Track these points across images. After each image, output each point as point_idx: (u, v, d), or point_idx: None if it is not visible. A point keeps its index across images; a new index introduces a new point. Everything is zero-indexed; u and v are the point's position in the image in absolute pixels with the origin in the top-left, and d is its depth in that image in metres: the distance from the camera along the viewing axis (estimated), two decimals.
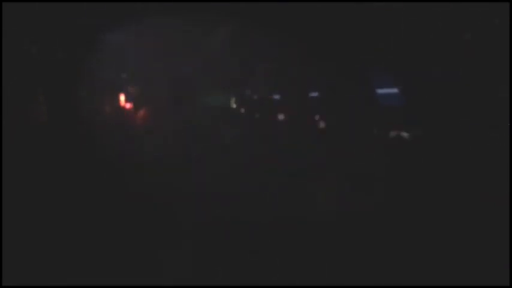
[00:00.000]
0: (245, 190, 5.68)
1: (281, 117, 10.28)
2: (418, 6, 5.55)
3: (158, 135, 8.83)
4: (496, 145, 4.93)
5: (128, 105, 10.96)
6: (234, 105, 11.27)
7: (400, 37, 6.11)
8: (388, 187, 5.23)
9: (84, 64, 6.64)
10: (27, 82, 5.58)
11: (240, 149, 7.36)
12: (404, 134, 5.93)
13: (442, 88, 5.59)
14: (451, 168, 4.88)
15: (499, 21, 4.75)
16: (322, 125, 9.30)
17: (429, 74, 5.83)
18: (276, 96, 10.79)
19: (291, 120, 9.77)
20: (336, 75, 8.18)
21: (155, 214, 5.35)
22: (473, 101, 5.31)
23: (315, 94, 9.88)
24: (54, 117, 5.91)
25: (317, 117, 9.58)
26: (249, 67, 9.77)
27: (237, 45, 8.69)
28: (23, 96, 5.51)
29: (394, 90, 7.78)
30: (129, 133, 9.15)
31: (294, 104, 9.71)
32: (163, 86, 10.37)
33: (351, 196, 5.37)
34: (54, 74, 5.96)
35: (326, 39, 7.51)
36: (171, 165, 6.42)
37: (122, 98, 10.67)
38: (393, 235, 4.76)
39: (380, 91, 8.15)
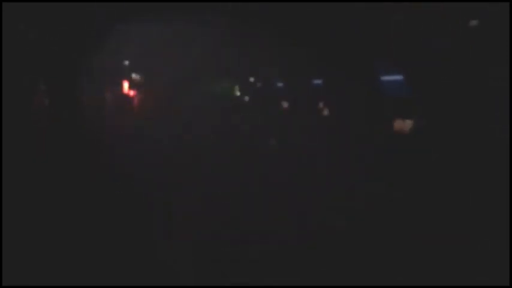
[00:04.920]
0: (248, 186, 5.70)
1: (285, 105, 10.24)
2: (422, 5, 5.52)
3: (163, 125, 8.81)
4: (496, 142, 4.90)
5: (132, 93, 10.96)
6: (238, 93, 11.24)
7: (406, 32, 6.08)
8: (387, 185, 5.21)
9: (87, 53, 6.63)
10: (29, 72, 5.57)
11: (242, 139, 7.35)
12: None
13: (444, 85, 5.57)
14: (451, 168, 4.85)
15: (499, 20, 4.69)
16: (325, 112, 9.28)
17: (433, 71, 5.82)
18: (280, 84, 10.73)
19: (294, 108, 9.73)
20: (340, 64, 8.15)
21: (156, 212, 5.39)
22: (473, 99, 5.29)
23: (318, 82, 9.87)
24: (57, 108, 5.91)
25: (321, 104, 9.56)
26: (252, 56, 9.74)
27: (239, 35, 8.64)
28: (25, 86, 5.51)
29: (399, 78, 7.75)
30: (133, 123, 9.14)
31: (297, 92, 9.67)
32: (167, 75, 10.35)
33: (353, 191, 5.38)
34: (56, 63, 5.95)
35: (329, 28, 7.47)
36: (175, 160, 6.44)
37: (126, 85, 10.67)
38: (394, 235, 4.75)
39: (385, 79, 8.12)
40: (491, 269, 4.11)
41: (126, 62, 9.64)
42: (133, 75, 10.19)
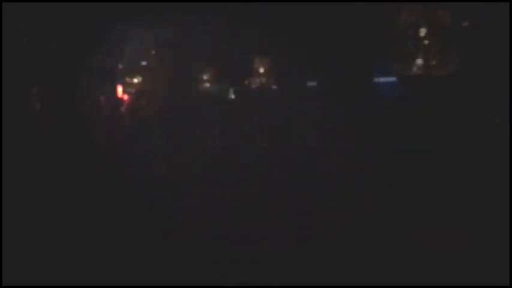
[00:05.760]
0: (246, 185, 5.68)
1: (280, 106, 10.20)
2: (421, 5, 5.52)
3: (161, 125, 8.79)
4: (496, 142, 4.90)
5: (126, 97, 10.89)
6: (233, 96, 11.20)
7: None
8: (386, 185, 5.21)
9: (87, 53, 6.61)
10: (23, 74, 5.56)
11: (238, 141, 7.33)
12: None
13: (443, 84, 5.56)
14: (451, 168, 4.85)
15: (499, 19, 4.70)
16: (319, 114, 9.26)
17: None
18: (274, 87, 10.70)
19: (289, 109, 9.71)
20: (334, 65, 8.15)
21: (156, 212, 5.38)
22: (472, 99, 5.29)
23: (312, 84, 9.86)
24: (57, 108, 5.91)
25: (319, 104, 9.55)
26: (247, 58, 9.71)
27: (234, 36, 8.62)
28: (20, 89, 5.50)
29: (393, 79, 7.74)
30: (128, 126, 9.12)
31: (292, 94, 9.64)
32: (162, 78, 10.31)
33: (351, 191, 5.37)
34: (56, 63, 5.95)
35: (323, 31, 7.47)
36: (172, 161, 6.42)
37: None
38: (393, 235, 4.75)
39: (379, 80, 8.11)
40: (491, 269, 4.11)
41: (126, 62, 9.58)
42: (133, 76, 10.14)
